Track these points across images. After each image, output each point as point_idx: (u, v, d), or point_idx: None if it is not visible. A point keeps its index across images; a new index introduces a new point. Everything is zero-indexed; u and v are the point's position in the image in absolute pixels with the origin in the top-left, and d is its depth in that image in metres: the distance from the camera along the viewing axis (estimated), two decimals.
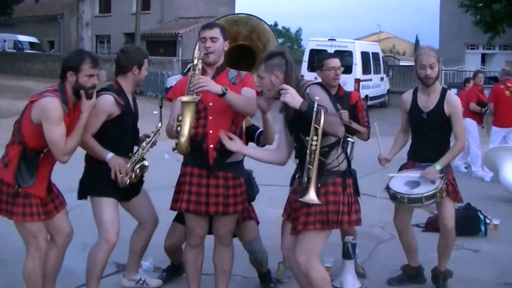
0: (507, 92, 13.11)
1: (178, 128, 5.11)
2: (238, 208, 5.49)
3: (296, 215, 5.09)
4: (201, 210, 5.39)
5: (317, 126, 4.58)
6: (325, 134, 4.67)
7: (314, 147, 4.63)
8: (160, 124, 5.76)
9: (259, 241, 6.37)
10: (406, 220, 6.59)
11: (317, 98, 4.62)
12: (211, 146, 5.34)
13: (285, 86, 4.78)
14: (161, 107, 5.77)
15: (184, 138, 5.11)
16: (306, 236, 4.96)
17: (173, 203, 5.55)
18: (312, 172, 4.69)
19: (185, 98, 5.08)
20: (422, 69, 6.17)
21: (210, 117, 5.33)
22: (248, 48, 6.29)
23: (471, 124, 13.66)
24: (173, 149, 5.27)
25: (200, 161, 5.38)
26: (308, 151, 4.67)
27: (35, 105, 5.09)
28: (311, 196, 4.68)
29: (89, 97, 5.20)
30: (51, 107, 5.00)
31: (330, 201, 4.85)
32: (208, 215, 5.51)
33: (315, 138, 4.61)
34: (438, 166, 6.07)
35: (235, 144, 5.21)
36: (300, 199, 4.77)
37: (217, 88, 5.09)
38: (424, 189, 6.02)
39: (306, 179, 4.73)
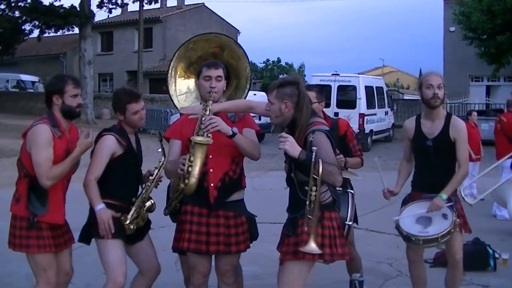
0: (498, 125, 13.06)
1: (189, 169, 5.05)
2: (240, 247, 5.44)
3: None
4: (202, 249, 5.33)
5: (315, 176, 4.56)
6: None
7: (314, 197, 4.60)
8: (163, 159, 5.65)
9: None
10: (419, 251, 6.33)
11: (314, 148, 4.59)
12: (212, 184, 5.31)
13: (284, 134, 4.76)
14: (161, 141, 5.72)
15: (194, 179, 5.07)
16: (287, 268, 4.92)
17: (175, 242, 5.50)
18: (312, 222, 4.62)
19: (199, 139, 5.04)
20: (429, 89, 5.98)
21: (210, 156, 5.28)
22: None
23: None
24: (181, 190, 5.23)
25: (201, 199, 5.33)
26: (307, 202, 4.63)
27: (27, 136, 5.30)
28: (312, 246, 4.61)
29: (76, 115, 5.43)
30: (38, 132, 5.22)
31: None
32: (209, 254, 5.44)
33: (314, 188, 4.59)
34: (444, 196, 5.87)
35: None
36: (300, 249, 4.68)
37: (227, 129, 5.12)
38: (438, 228, 5.82)
39: (306, 228, 4.66)
